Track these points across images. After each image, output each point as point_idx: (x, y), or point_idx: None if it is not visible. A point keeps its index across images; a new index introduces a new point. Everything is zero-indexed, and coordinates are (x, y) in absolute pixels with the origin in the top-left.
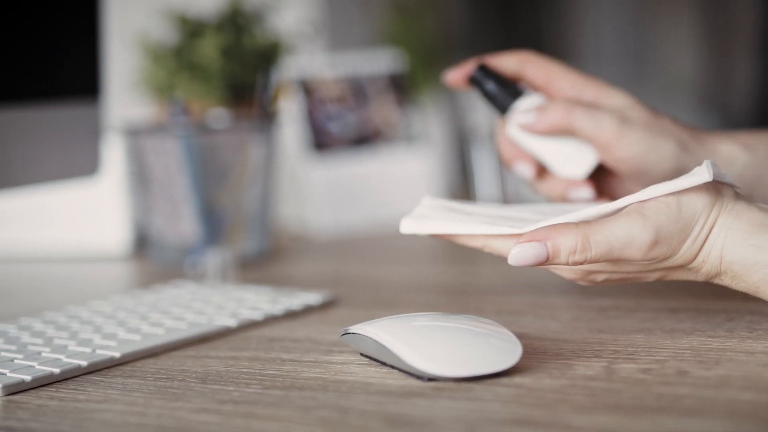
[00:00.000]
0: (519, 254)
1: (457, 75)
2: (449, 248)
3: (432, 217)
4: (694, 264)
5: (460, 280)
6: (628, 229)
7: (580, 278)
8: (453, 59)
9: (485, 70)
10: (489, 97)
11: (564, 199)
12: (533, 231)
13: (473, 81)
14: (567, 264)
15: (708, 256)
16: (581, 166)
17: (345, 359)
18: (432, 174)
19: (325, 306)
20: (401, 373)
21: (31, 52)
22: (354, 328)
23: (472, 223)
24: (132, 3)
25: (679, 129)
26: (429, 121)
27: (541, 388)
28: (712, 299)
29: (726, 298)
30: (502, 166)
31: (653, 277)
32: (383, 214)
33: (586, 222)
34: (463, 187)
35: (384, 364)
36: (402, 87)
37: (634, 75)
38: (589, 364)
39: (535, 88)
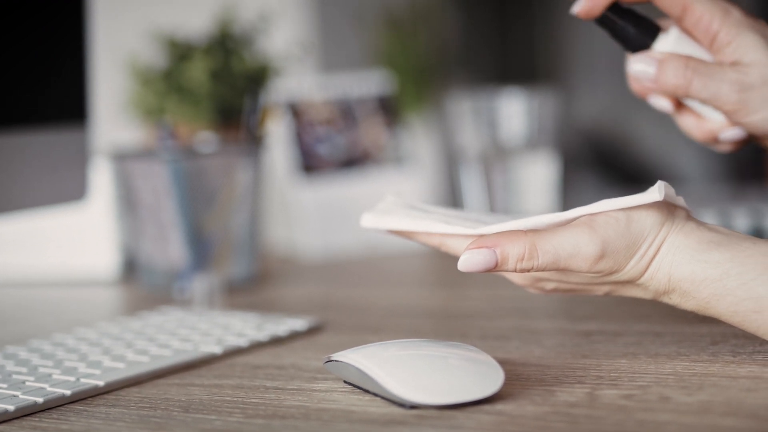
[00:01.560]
0: (469, 260)
1: (591, 5)
2: (436, 271)
3: (392, 213)
4: (642, 280)
5: (446, 304)
6: (575, 240)
7: (529, 285)
8: (447, 76)
9: (617, 8)
10: (623, 38)
11: (714, 139)
12: (483, 238)
13: (603, 20)
14: (515, 270)
15: (656, 273)
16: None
17: (329, 387)
18: (421, 195)
19: (311, 331)
20: (384, 400)
21: (18, 78)
22: (337, 356)
23: (429, 221)
24: (121, 26)
25: None
26: (418, 142)
27: (523, 415)
28: (697, 323)
29: (711, 322)
30: (491, 186)
31: (602, 290)
32: (372, 236)
33: (535, 230)
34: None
35: (367, 391)
36: (391, 108)
37: (628, 89)
38: (571, 390)
39: (669, 15)
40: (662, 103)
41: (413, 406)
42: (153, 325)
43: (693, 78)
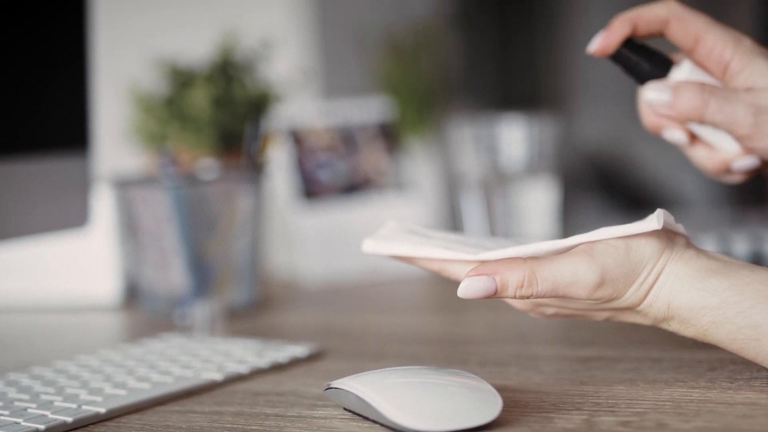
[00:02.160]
0: (468, 287)
1: (605, 44)
2: (437, 296)
3: (393, 238)
4: (641, 307)
5: (446, 329)
6: (574, 268)
7: (530, 310)
8: (450, 100)
9: (631, 44)
10: (637, 73)
11: (726, 170)
12: (483, 265)
13: (617, 57)
14: (515, 297)
15: (655, 300)
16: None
17: (328, 414)
18: (422, 220)
19: (312, 358)
20: (383, 427)
21: (20, 104)
22: (337, 383)
23: (429, 247)
24: (123, 53)
25: None
26: (419, 168)
27: None
28: (695, 349)
29: (709, 347)
30: (492, 211)
31: (602, 316)
32: (373, 261)
33: (534, 257)
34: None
35: (366, 418)
36: (391, 135)
37: (630, 112)
38: (569, 417)
39: (680, 48)
40: (677, 136)
41: None
42: (154, 352)
43: (709, 100)
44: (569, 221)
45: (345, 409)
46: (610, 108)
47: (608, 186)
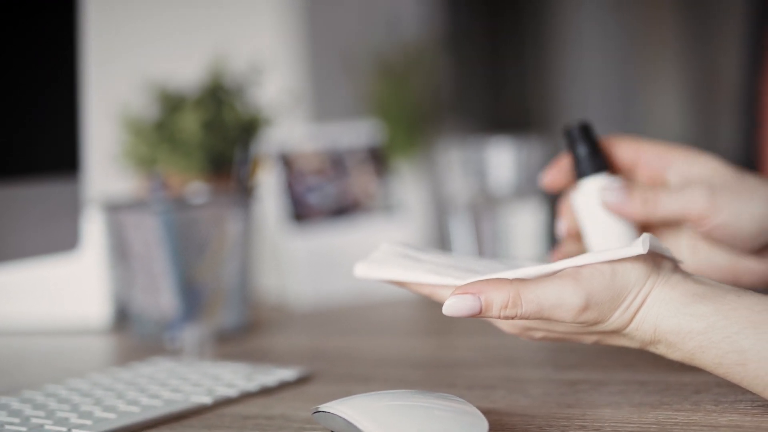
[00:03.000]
0: (453, 305)
1: (555, 177)
2: (426, 319)
3: (384, 262)
4: (628, 331)
5: (435, 353)
6: (559, 291)
7: (518, 333)
8: (440, 122)
9: (585, 130)
10: (575, 157)
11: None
12: (468, 284)
13: (569, 134)
14: (499, 317)
15: (642, 324)
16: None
17: None
18: (411, 243)
19: (301, 381)
20: None
21: (11, 128)
22: (325, 407)
23: (420, 271)
24: (113, 77)
25: (766, 186)
26: (408, 191)
27: None
28: (681, 372)
29: (695, 371)
30: (480, 234)
31: (590, 339)
32: (363, 284)
33: (521, 280)
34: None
35: None
36: (380, 158)
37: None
38: None
39: (623, 167)
40: (561, 226)
41: None
42: (144, 376)
43: (659, 196)
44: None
45: None
46: (600, 129)
47: None
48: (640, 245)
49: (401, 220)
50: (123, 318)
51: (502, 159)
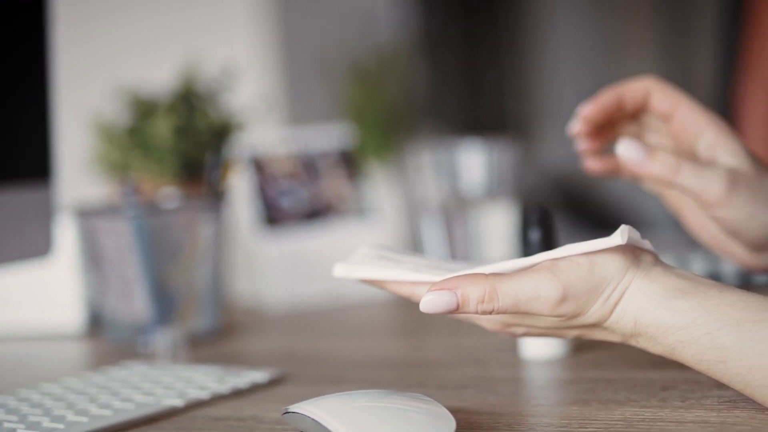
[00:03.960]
0: (430, 302)
1: (593, 110)
2: (400, 320)
3: (363, 263)
4: (608, 324)
5: (408, 353)
6: (535, 284)
7: (499, 330)
8: (416, 126)
9: (543, 216)
10: (526, 240)
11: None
12: (444, 280)
13: (525, 215)
14: (476, 313)
15: (622, 317)
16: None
17: None
18: (384, 245)
19: (273, 383)
20: None
21: None
22: (294, 407)
23: (399, 270)
24: (85, 83)
25: None
26: (381, 194)
27: None
28: (650, 368)
29: (663, 368)
30: (452, 236)
31: (572, 334)
32: (336, 287)
33: (497, 274)
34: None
35: None
36: (352, 161)
37: None
38: None
39: (657, 114)
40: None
41: None
42: (116, 380)
43: (682, 166)
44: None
45: None
46: None
47: (573, 208)
48: (619, 236)
49: (374, 223)
50: (96, 323)
51: (473, 161)
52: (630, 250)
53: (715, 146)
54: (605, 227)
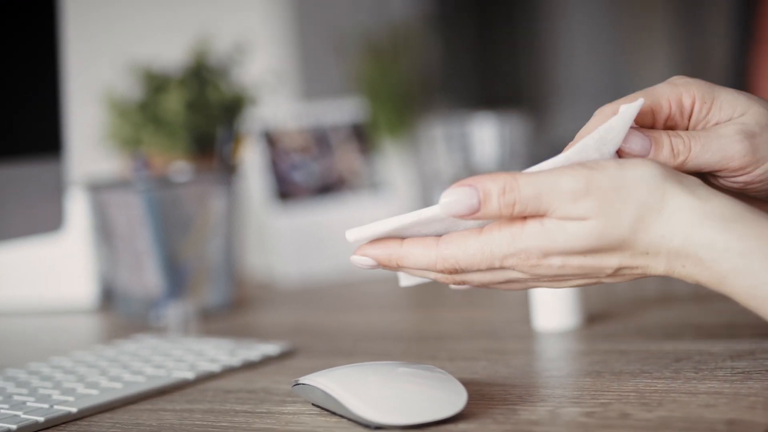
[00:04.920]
0: (450, 202)
1: None
2: (411, 295)
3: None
4: (650, 240)
5: (419, 327)
6: (556, 175)
7: (535, 264)
8: (429, 102)
9: None
10: None
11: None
12: (461, 180)
13: None
14: (499, 210)
15: (667, 231)
16: None
17: (297, 409)
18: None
19: (284, 356)
20: (350, 422)
21: None
22: (304, 379)
23: (405, 216)
24: (97, 58)
25: None
26: (393, 168)
27: None
28: (663, 340)
29: (676, 339)
30: None
31: (609, 266)
32: (348, 261)
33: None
34: None
35: (334, 413)
36: (364, 135)
37: None
38: (533, 408)
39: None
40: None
41: (378, 427)
42: (127, 353)
43: (690, 142)
44: None
45: (313, 404)
46: (591, 107)
47: None
48: (631, 106)
49: (386, 197)
50: (108, 297)
51: (485, 135)
52: (666, 167)
53: (710, 110)
54: None
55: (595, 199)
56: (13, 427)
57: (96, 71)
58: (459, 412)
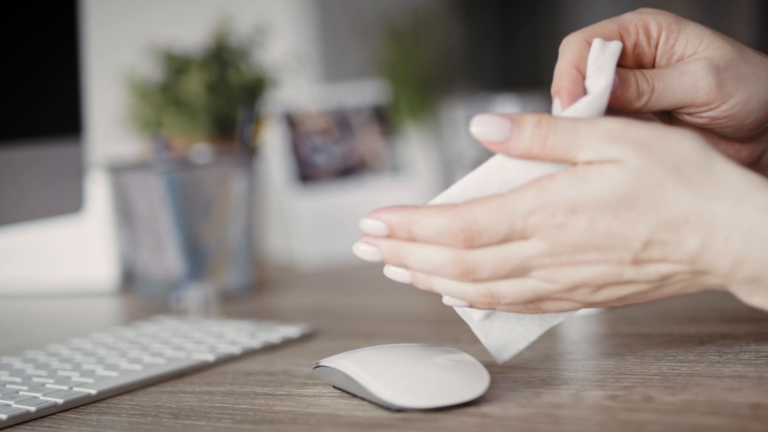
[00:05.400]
0: (481, 129)
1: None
2: None
3: None
4: (696, 196)
5: (440, 309)
6: (591, 120)
7: (569, 262)
8: (451, 85)
9: None
10: None
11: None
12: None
13: None
14: (531, 141)
15: (716, 191)
16: None
17: (317, 392)
18: (418, 203)
19: (305, 338)
20: (371, 404)
21: (14, 92)
22: (325, 361)
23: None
24: (117, 40)
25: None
26: (414, 150)
27: (507, 417)
28: (686, 323)
29: (699, 322)
30: None
31: (635, 239)
32: None
33: None
34: None
35: (355, 396)
36: (386, 118)
37: None
38: (556, 392)
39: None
40: None
41: (399, 410)
42: (147, 335)
43: (653, 80)
44: None
45: (334, 387)
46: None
47: None
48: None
49: (408, 179)
50: (129, 279)
51: None
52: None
53: (677, 41)
54: None
55: (635, 142)
56: (32, 408)
57: (117, 53)
58: (481, 395)
